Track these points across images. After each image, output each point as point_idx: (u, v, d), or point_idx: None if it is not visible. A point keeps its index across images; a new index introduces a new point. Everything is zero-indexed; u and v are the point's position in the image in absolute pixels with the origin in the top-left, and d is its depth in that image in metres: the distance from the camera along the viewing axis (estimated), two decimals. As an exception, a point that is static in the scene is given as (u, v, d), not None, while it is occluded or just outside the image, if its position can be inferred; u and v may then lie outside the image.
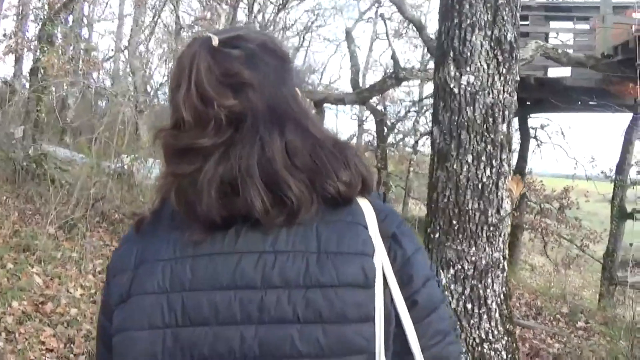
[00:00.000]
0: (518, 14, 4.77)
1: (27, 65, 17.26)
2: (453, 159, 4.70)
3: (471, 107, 4.64)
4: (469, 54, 4.63)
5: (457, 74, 4.67)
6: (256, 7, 24.32)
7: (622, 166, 17.81)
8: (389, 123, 22.97)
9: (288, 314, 1.29)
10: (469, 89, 4.64)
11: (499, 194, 4.72)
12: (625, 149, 17.82)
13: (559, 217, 20.69)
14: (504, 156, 4.74)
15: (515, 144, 21.38)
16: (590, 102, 17.88)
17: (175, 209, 1.36)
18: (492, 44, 4.62)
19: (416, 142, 27.46)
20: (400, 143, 27.19)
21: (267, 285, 1.30)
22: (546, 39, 16.59)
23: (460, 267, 4.71)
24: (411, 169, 26.62)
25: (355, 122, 29.59)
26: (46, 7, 14.51)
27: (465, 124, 4.65)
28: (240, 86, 1.37)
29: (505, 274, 4.89)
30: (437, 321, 1.44)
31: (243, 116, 1.35)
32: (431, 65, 19.00)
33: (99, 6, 24.38)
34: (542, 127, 21.18)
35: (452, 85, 4.70)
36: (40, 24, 14.61)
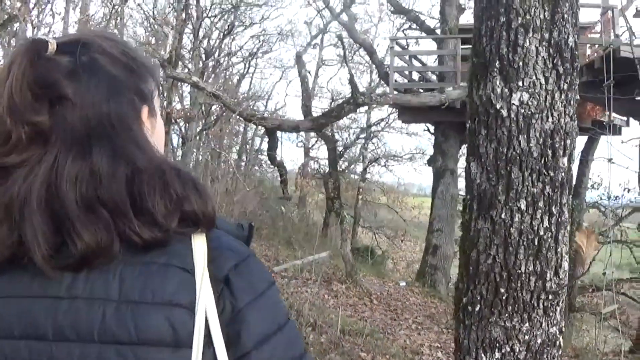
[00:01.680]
0: (578, 12, 3.49)
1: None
2: (501, 205, 3.38)
3: (525, 136, 3.34)
4: (521, 63, 3.33)
5: (507, 90, 3.36)
6: (201, 33, 23.56)
7: (577, 189, 16.94)
8: (337, 150, 21.85)
9: None
10: (523, 110, 3.34)
11: (559, 250, 3.44)
12: (581, 172, 17.00)
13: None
14: (564, 200, 3.45)
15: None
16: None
17: None
18: (550, 51, 3.33)
19: (364, 169, 26.71)
20: (346, 170, 26.14)
21: (58, 337, 1.09)
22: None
23: (509, 348, 3.41)
24: (360, 197, 25.84)
25: (301, 150, 28.41)
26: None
27: (518, 158, 3.35)
28: (57, 101, 1.15)
29: (560, 352, 3.61)
30: None
31: (50, 135, 1.14)
32: (385, 89, 18.06)
33: (42, 29, 23.00)
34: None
35: (498, 106, 3.37)
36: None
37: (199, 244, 1.16)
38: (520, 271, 3.38)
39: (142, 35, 25.37)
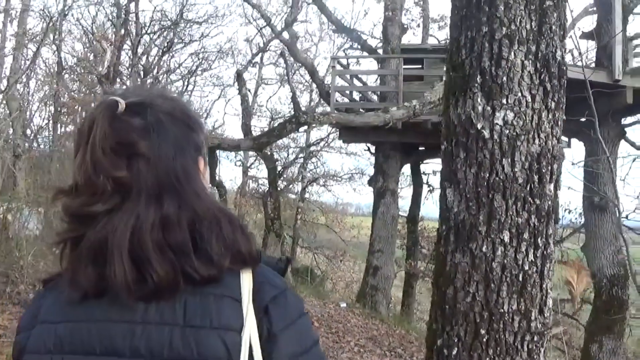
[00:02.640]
0: (566, 24, 3.13)
1: None
2: (482, 237, 2.98)
3: (509, 160, 2.96)
4: (505, 78, 2.94)
5: (489, 108, 2.96)
6: (140, 49, 22.97)
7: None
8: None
9: None
10: (507, 131, 2.95)
11: (544, 286, 3.06)
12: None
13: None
14: (550, 231, 3.07)
15: (408, 191, 20.46)
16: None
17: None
18: (537, 65, 2.96)
19: (304, 189, 26.36)
20: (285, 190, 25.74)
21: (134, 355, 1.31)
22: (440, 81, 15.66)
23: (489, 396, 3.02)
24: (299, 217, 25.49)
25: (240, 169, 27.84)
26: None
27: (501, 184, 2.95)
28: (134, 157, 1.38)
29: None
30: None
31: (130, 187, 1.36)
32: (325, 109, 17.73)
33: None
34: (434, 172, 20.27)
35: (479, 126, 2.98)
36: None
37: (246, 278, 1.39)
38: (502, 310, 2.98)
39: (80, 51, 24.83)
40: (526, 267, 2.99)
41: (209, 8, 51.27)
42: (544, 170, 2.97)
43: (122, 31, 21.28)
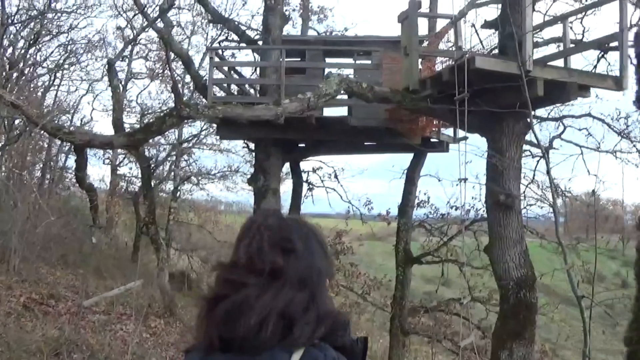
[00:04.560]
0: None
1: None
2: None
3: None
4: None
5: None
6: (5, 42, 20.63)
7: (404, 208, 16.02)
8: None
9: None
10: None
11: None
12: (407, 190, 16.06)
13: (334, 262, 18.39)
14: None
15: (287, 188, 19.32)
16: (372, 143, 16.10)
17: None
18: None
19: (176, 187, 24.76)
20: (157, 189, 24.05)
21: None
22: (323, 75, 14.55)
23: None
24: (171, 217, 23.94)
25: (109, 168, 25.84)
26: None
27: None
28: (290, 253, 1.88)
29: None
30: None
31: (281, 273, 1.83)
32: (201, 102, 16.28)
33: None
34: (314, 170, 19.16)
35: None
36: None
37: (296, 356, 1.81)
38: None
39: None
40: None
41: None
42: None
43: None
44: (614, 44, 9.21)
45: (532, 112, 9.56)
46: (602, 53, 10.98)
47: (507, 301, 9.65)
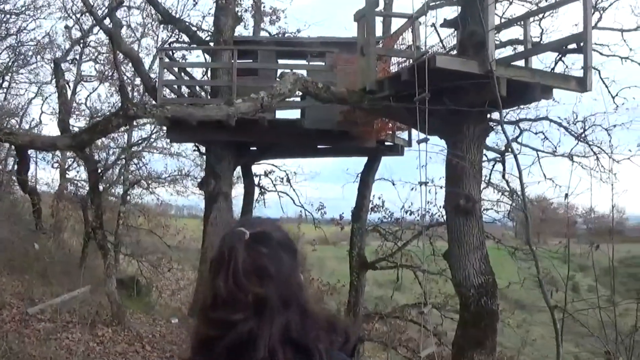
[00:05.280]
0: None
1: None
2: None
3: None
4: None
5: None
6: None
7: (358, 212, 15.58)
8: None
9: None
10: None
11: None
12: (361, 194, 15.62)
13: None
14: None
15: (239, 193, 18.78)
16: (326, 146, 15.64)
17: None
18: None
19: (125, 192, 23.94)
20: (107, 193, 23.24)
21: None
22: (275, 77, 14.03)
23: None
24: (121, 222, 23.14)
25: (57, 171, 24.85)
26: None
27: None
28: (266, 277, 1.82)
29: None
30: None
31: (265, 300, 1.79)
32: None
33: None
34: (266, 174, 18.65)
35: None
36: None
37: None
38: None
39: None
40: None
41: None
42: None
43: None
44: (572, 46, 8.93)
45: (489, 116, 9.19)
46: (560, 56, 10.69)
47: (468, 309, 9.24)
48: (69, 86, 22.56)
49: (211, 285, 1.82)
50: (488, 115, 9.49)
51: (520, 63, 9.37)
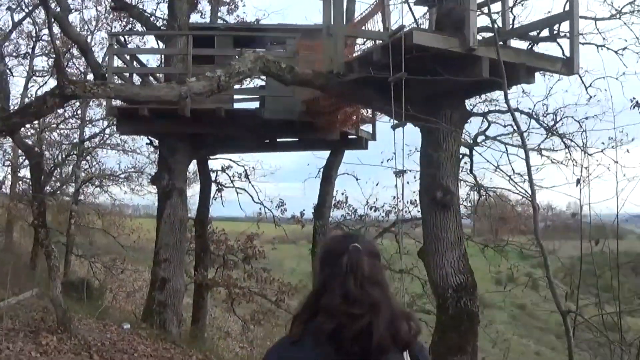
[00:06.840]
0: None
1: None
2: None
3: None
4: None
5: None
6: None
7: (321, 209, 14.49)
8: (46, 169, 17.63)
9: None
10: None
11: None
12: (324, 190, 14.54)
13: (245, 268, 16.81)
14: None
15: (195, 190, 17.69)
16: (286, 140, 14.57)
17: (318, 337, 2.21)
18: None
19: (77, 190, 22.62)
20: (58, 192, 21.89)
21: None
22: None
23: None
24: (73, 221, 21.80)
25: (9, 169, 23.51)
26: None
27: None
28: (378, 283, 2.28)
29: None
30: None
31: (378, 300, 2.23)
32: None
33: None
34: (223, 169, 17.51)
35: None
36: None
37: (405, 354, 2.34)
38: None
39: None
40: None
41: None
42: None
43: None
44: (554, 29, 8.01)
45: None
46: (532, 44, 9.68)
47: (446, 311, 8.22)
48: (11, 72, 21.42)
49: (341, 287, 2.23)
50: (466, 101, 8.49)
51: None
